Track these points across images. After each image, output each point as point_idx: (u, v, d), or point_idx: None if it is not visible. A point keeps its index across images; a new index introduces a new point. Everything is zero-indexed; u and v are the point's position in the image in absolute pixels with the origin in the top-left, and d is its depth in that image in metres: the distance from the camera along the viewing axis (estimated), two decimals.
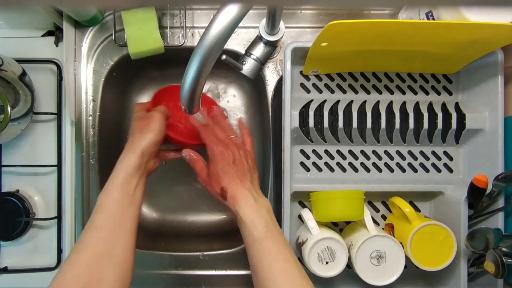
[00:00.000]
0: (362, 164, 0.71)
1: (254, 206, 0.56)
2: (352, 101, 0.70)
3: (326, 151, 0.71)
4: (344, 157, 0.71)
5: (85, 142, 0.73)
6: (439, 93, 0.72)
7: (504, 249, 0.62)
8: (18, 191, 0.71)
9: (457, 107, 0.70)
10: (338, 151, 0.71)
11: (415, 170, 0.71)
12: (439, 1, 0.46)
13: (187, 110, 0.54)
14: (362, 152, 0.71)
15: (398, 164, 0.71)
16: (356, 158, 0.71)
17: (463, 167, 0.71)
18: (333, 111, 0.69)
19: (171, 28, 0.73)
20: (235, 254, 0.74)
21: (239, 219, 0.57)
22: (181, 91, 0.51)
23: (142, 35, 0.69)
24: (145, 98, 0.85)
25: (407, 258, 0.64)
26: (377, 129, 0.69)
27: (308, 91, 0.71)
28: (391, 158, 0.71)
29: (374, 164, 0.71)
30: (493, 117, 0.66)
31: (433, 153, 0.71)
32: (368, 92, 0.71)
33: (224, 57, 0.63)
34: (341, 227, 0.72)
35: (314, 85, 0.71)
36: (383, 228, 0.71)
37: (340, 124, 0.69)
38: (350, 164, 0.71)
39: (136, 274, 0.71)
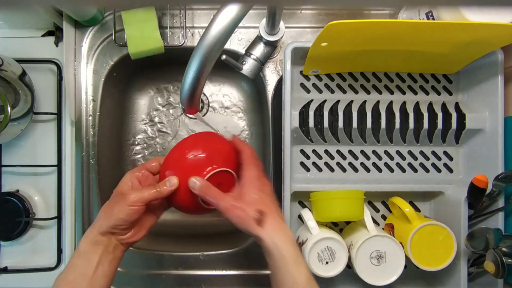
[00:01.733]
0: (362, 164, 0.71)
1: (293, 243, 0.50)
2: (352, 101, 0.70)
3: (326, 151, 0.71)
4: (344, 157, 0.71)
5: (85, 142, 0.73)
6: (439, 93, 0.71)
7: (504, 249, 0.62)
8: (18, 191, 0.71)
9: (457, 107, 0.70)
10: (338, 151, 0.71)
11: (415, 170, 0.71)
12: (439, 1, 0.46)
13: (187, 110, 0.55)
14: (362, 152, 0.71)
15: (398, 164, 0.71)
16: (356, 158, 0.71)
17: (463, 167, 0.71)
18: (333, 111, 0.69)
19: (171, 28, 0.73)
20: (235, 254, 0.74)
21: (277, 254, 0.49)
22: (181, 91, 0.51)
23: (142, 35, 0.69)
24: (145, 98, 0.85)
25: (407, 258, 0.64)
26: (377, 129, 0.69)
27: (308, 91, 0.71)
28: (391, 158, 0.71)
29: (374, 164, 0.71)
30: (493, 117, 0.66)
31: (433, 153, 0.71)
32: (368, 92, 0.71)
33: (224, 57, 0.63)
34: (341, 227, 0.72)
35: (314, 85, 0.71)
36: (383, 228, 0.71)
37: (340, 124, 0.69)
38: (350, 164, 0.71)
39: (136, 274, 0.72)
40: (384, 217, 0.72)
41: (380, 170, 0.71)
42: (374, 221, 0.70)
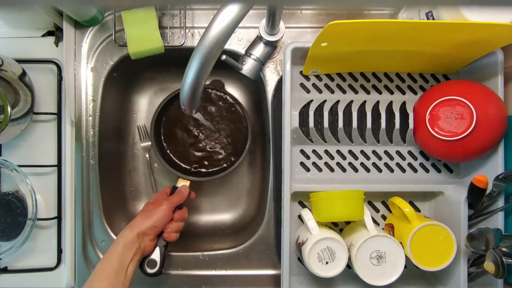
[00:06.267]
0: (362, 164, 0.71)
1: None
2: (352, 101, 0.70)
3: (326, 151, 0.71)
4: (344, 157, 0.71)
5: (85, 142, 0.73)
6: None
7: (504, 249, 0.62)
8: (18, 191, 0.71)
9: None
10: (338, 151, 0.71)
11: (415, 170, 0.71)
12: (439, 1, 0.46)
13: (187, 110, 0.55)
14: (362, 152, 0.71)
15: (398, 164, 0.71)
16: (356, 158, 0.71)
17: (463, 167, 0.72)
18: (333, 111, 0.69)
19: (171, 28, 0.73)
20: (235, 254, 0.74)
21: None
22: (181, 92, 0.51)
23: (142, 35, 0.69)
24: (145, 98, 0.85)
25: (407, 258, 0.64)
26: (377, 129, 0.69)
27: (308, 91, 0.71)
28: (391, 158, 0.71)
29: (374, 164, 0.71)
30: None
31: None
32: (368, 92, 0.71)
33: (224, 57, 0.63)
34: (341, 227, 0.72)
35: (314, 85, 0.71)
36: (383, 228, 0.71)
37: (340, 124, 0.69)
38: (350, 164, 0.71)
39: (136, 274, 0.72)
40: (384, 217, 0.72)
41: (380, 170, 0.71)
42: (374, 221, 0.70)
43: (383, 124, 0.69)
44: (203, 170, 0.80)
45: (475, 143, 0.62)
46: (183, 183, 0.72)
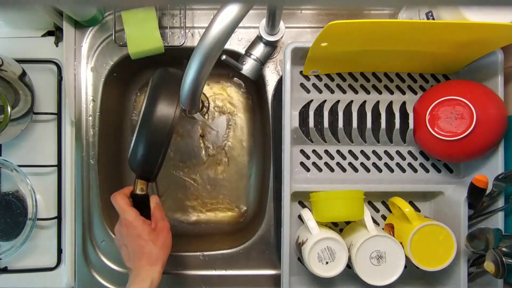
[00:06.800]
0: (362, 164, 0.71)
1: None
2: (352, 101, 0.70)
3: (326, 151, 0.71)
4: (344, 157, 0.71)
5: (85, 142, 0.73)
6: None
7: (504, 249, 0.62)
8: (18, 191, 0.71)
9: None
10: (338, 151, 0.71)
11: (415, 170, 0.71)
12: (439, 1, 0.46)
13: (187, 111, 0.55)
14: (362, 152, 0.71)
15: (398, 164, 0.71)
16: (356, 158, 0.71)
17: (463, 167, 0.72)
18: (333, 111, 0.69)
19: (171, 28, 0.73)
20: (235, 254, 0.74)
21: None
22: (181, 92, 0.51)
23: (142, 35, 0.69)
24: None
25: (407, 258, 0.64)
26: (377, 129, 0.69)
27: (308, 91, 0.71)
28: (391, 158, 0.71)
29: (374, 164, 0.71)
30: None
31: None
32: (368, 92, 0.71)
33: (224, 57, 0.63)
34: (341, 227, 0.72)
35: (314, 85, 0.71)
36: (383, 228, 0.71)
37: (340, 124, 0.69)
38: (350, 164, 0.71)
39: None
40: (384, 217, 0.72)
41: (380, 170, 0.71)
42: (374, 221, 0.70)
43: (383, 124, 0.69)
44: None
45: (475, 143, 0.62)
46: (143, 187, 0.66)
